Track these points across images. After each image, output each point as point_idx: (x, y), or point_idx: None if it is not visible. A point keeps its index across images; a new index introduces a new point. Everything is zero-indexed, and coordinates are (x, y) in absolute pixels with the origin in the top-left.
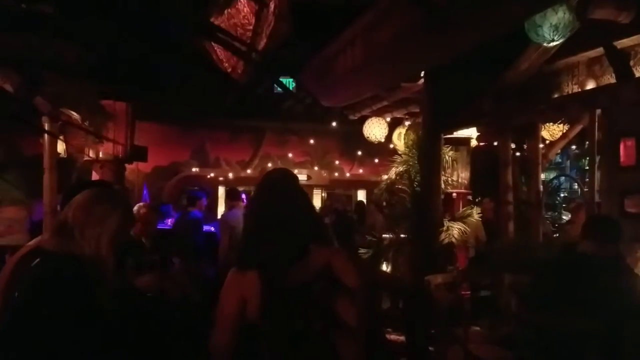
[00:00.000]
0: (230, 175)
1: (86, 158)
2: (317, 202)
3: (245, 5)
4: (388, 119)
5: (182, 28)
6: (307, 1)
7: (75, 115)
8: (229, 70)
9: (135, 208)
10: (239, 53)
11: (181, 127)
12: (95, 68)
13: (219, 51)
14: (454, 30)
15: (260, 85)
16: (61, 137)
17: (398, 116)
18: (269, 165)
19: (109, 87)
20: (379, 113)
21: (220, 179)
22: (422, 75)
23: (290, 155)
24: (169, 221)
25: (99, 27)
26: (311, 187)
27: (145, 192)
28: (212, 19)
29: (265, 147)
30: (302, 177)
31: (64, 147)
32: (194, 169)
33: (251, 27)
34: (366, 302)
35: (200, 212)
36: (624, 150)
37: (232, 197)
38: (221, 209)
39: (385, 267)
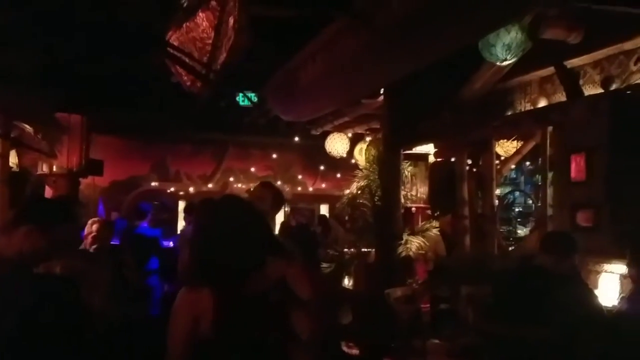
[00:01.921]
0: (191, 189)
1: (39, 172)
2: (280, 216)
3: (204, 19)
4: (350, 134)
5: (140, 41)
6: (268, 16)
7: (28, 128)
8: (188, 84)
9: (88, 223)
10: (194, 72)
11: (141, 140)
12: (50, 79)
13: (177, 64)
14: (399, 51)
15: (222, 98)
16: (14, 150)
17: (359, 131)
18: (231, 179)
19: (64, 98)
20: (340, 128)
21: (181, 193)
22: (382, 91)
23: (253, 169)
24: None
25: (56, 37)
26: None
27: (100, 207)
28: (170, 33)
29: (227, 161)
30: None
31: (17, 160)
32: (153, 183)
33: (210, 41)
34: (320, 314)
35: (149, 225)
36: (575, 166)
37: (190, 211)
38: (182, 224)
39: (347, 281)
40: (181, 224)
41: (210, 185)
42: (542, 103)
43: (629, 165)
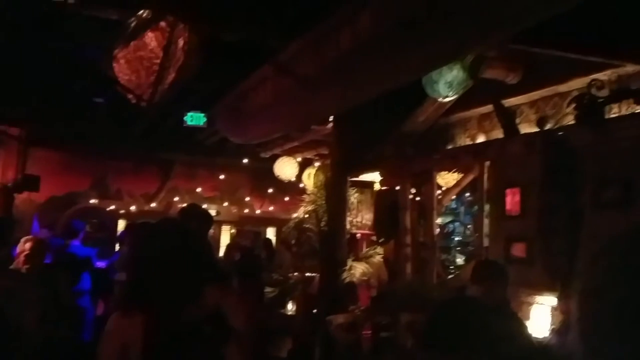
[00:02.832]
0: (133, 208)
1: None
2: (225, 238)
3: (153, 39)
4: (299, 159)
5: (87, 55)
6: (220, 39)
7: None
8: (134, 101)
9: (21, 241)
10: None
11: (81, 155)
12: None
13: (123, 81)
14: (345, 84)
15: (169, 117)
16: None
17: (308, 156)
18: (176, 199)
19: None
20: (290, 152)
21: (122, 211)
22: (331, 118)
23: (199, 189)
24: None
25: None
26: (220, 223)
27: (35, 223)
28: (116, 51)
29: (173, 180)
30: (211, 212)
31: None
32: (92, 200)
33: (158, 61)
34: (254, 344)
35: (82, 243)
36: (510, 200)
37: (127, 233)
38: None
39: (290, 306)
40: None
41: (153, 205)
42: (481, 139)
43: (560, 202)
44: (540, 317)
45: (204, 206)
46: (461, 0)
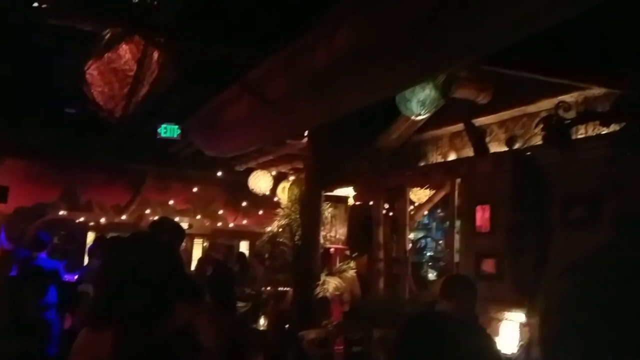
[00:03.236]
0: (103, 220)
1: None
2: (198, 252)
3: (127, 51)
4: (274, 173)
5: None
6: (195, 52)
7: None
8: (106, 114)
9: None
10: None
11: (51, 165)
12: None
13: (96, 93)
14: (320, 100)
15: (142, 128)
16: None
17: (283, 170)
18: (147, 211)
19: None
20: (264, 166)
21: (91, 223)
22: (306, 133)
23: (171, 202)
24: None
25: None
26: (192, 236)
27: (2, 235)
28: (90, 62)
29: (144, 192)
30: (183, 225)
31: None
32: (61, 212)
33: (132, 74)
34: None
35: (48, 255)
36: (480, 217)
37: (97, 246)
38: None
39: (263, 321)
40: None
41: (123, 217)
42: (452, 156)
43: (529, 219)
44: (509, 333)
45: (176, 219)
46: (435, 22)
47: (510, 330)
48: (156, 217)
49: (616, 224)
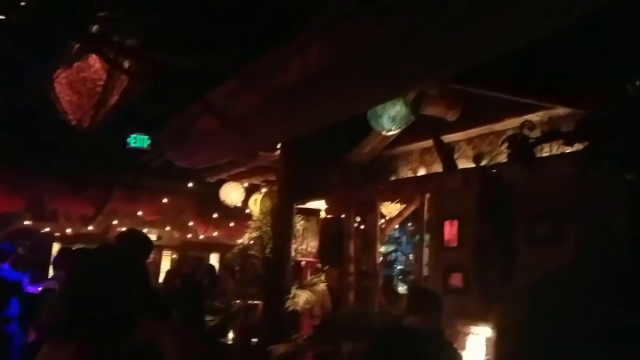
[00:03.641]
0: (69, 230)
1: None
2: (166, 264)
3: (97, 61)
4: (246, 184)
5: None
6: (166, 63)
7: None
8: (74, 123)
9: None
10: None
11: (16, 175)
12: None
13: (64, 102)
14: (292, 114)
15: (112, 139)
16: None
17: (255, 182)
18: (115, 222)
19: None
20: (236, 177)
21: (57, 234)
22: (279, 145)
23: (140, 213)
24: None
25: None
26: (161, 248)
27: None
28: (59, 71)
29: (112, 203)
30: (151, 237)
31: None
32: (26, 222)
33: (102, 83)
34: None
35: (11, 267)
36: (448, 232)
37: (61, 258)
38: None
39: (232, 335)
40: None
41: (90, 228)
42: (422, 172)
43: (495, 235)
44: (475, 347)
45: (145, 230)
46: (406, 41)
47: (476, 344)
48: (124, 229)
49: (579, 240)
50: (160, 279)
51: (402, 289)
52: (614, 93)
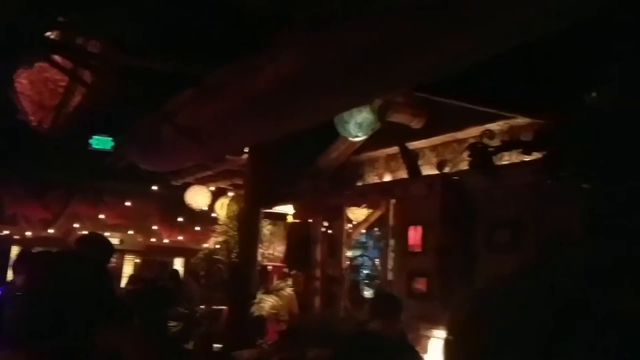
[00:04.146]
0: (29, 234)
1: None
2: (129, 269)
3: (60, 61)
4: (212, 188)
5: None
6: (130, 65)
7: None
8: (35, 124)
9: None
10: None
11: None
12: None
13: (25, 103)
14: (258, 120)
15: (74, 140)
16: None
17: (222, 186)
18: (76, 225)
19: None
20: (203, 181)
21: (16, 237)
22: (247, 149)
23: (102, 216)
24: None
25: None
26: (124, 253)
27: None
28: (20, 70)
29: (74, 206)
30: (114, 241)
31: None
32: None
33: (64, 84)
34: None
35: None
36: (412, 237)
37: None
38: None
39: (195, 341)
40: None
41: (51, 231)
42: (387, 178)
43: (457, 241)
44: (438, 350)
45: (107, 234)
46: (370, 51)
47: (438, 347)
48: (85, 232)
49: (535, 248)
50: (123, 284)
51: (368, 293)
52: (572, 103)
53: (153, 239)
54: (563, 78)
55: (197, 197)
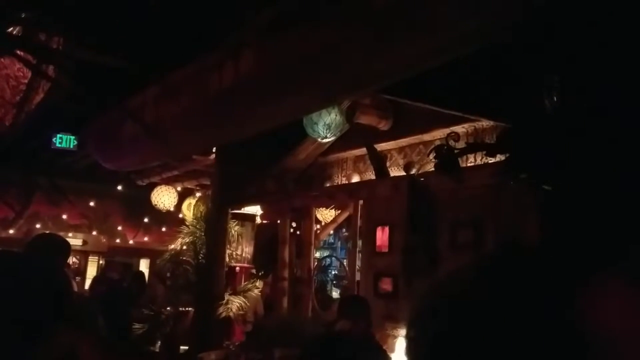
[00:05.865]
0: None
1: None
2: (92, 270)
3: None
4: (179, 188)
5: None
6: (94, 62)
7: None
8: None
9: None
10: None
11: None
12: None
13: None
14: (223, 119)
15: (34, 139)
16: None
17: (189, 186)
18: (38, 226)
19: None
20: (169, 181)
21: None
22: (214, 149)
23: (64, 216)
24: None
25: None
26: (87, 254)
27: None
28: None
29: (34, 206)
30: (76, 241)
31: None
32: None
33: (26, 81)
34: None
35: None
36: (379, 237)
37: None
38: None
39: (161, 342)
40: None
41: (11, 232)
42: (355, 179)
43: (422, 241)
44: (404, 349)
45: (69, 234)
46: (328, 52)
47: (404, 346)
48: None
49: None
50: (86, 286)
51: (335, 294)
52: (533, 107)
53: (117, 240)
54: (526, 82)
55: (164, 197)
